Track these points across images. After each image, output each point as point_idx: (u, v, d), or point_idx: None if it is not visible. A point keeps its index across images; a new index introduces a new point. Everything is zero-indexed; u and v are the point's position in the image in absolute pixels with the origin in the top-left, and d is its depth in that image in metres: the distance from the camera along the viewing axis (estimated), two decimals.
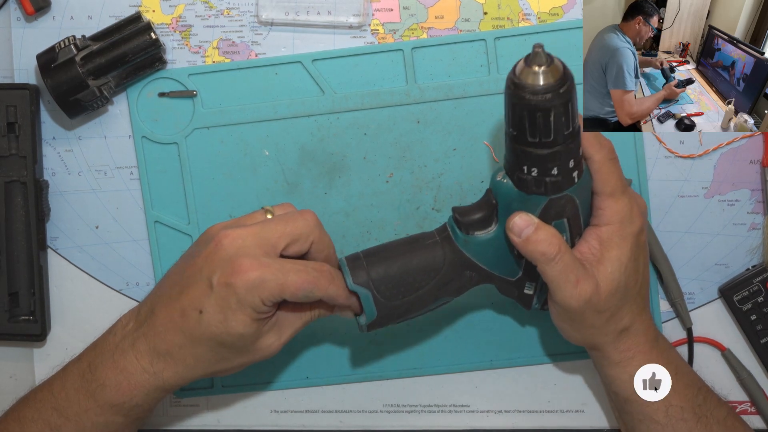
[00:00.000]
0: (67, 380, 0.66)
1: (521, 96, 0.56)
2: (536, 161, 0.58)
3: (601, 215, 0.63)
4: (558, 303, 0.63)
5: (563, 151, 0.58)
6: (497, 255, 0.64)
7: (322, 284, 0.61)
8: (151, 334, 0.63)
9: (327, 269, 0.62)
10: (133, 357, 0.64)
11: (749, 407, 0.77)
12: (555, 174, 0.59)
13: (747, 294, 0.75)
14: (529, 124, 0.57)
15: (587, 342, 0.67)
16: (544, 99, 0.56)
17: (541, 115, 0.56)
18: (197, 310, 0.61)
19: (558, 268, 0.61)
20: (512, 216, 0.61)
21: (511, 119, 0.58)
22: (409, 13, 0.74)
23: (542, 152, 0.58)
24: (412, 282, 0.63)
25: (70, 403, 0.65)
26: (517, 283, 0.66)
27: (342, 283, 0.63)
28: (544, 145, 0.58)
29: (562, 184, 0.60)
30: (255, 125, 0.75)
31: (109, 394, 0.64)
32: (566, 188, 0.60)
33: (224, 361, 0.64)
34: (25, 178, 0.75)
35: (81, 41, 0.72)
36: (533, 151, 0.58)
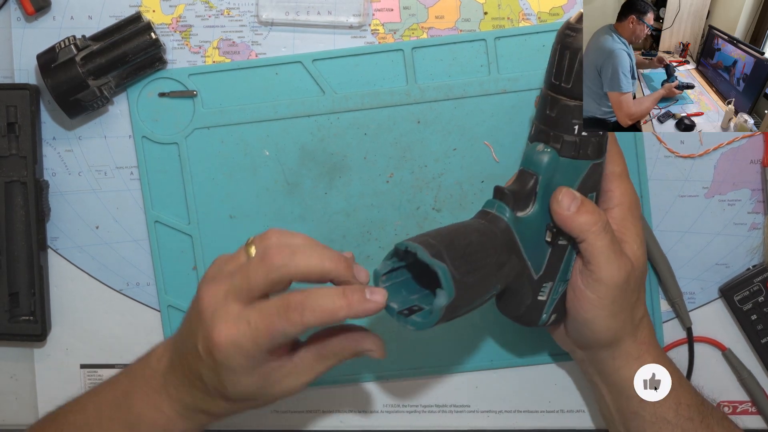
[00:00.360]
0: (102, 408, 0.64)
1: (580, 38, 0.58)
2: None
3: (612, 197, 0.64)
4: (604, 280, 0.62)
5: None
6: (534, 239, 0.62)
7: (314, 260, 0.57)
8: (179, 384, 0.62)
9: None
10: (166, 397, 0.62)
11: (750, 407, 0.77)
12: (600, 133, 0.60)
13: (747, 294, 0.75)
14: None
15: (616, 333, 0.64)
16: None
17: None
18: (198, 376, 0.60)
19: (607, 238, 0.61)
20: (558, 191, 0.61)
21: (566, 70, 0.59)
22: (410, 13, 0.74)
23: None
24: (478, 259, 0.58)
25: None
26: (536, 284, 0.64)
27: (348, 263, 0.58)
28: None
29: (602, 145, 0.61)
30: (255, 125, 0.75)
31: (145, 428, 0.63)
32: (603, 153, 0.62)
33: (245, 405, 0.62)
34: (26, 178, 0.75)
35: (81, 41, 0.72)
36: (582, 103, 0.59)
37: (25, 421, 0.79)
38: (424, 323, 0.57)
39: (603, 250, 0.61)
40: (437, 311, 0.56)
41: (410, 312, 0.58)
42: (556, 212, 0.61)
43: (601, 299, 0.63)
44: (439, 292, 0.56)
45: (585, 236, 0.61)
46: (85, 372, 0.79)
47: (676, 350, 0.77)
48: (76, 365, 0.79)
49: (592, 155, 0.62)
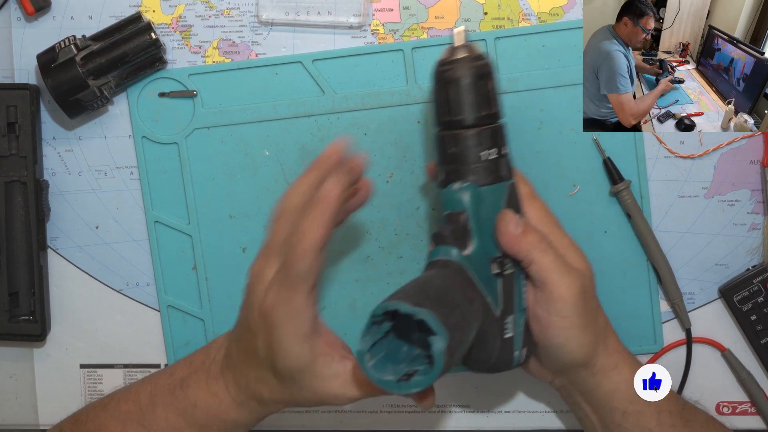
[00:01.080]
0: (156, 394, 0.65)
1: (457, 68, 0.61)
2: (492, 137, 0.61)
3: (529, 217, 0.64)
4: (563, 296, 0.61)
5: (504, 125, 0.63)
6: (484, 275, 0.61)
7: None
8: (233, 367, 0.64)
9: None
10: (222, 383, 0.64)
11: (749, 407, 0.77)
12: (507, 151, 0.62)
13: (747, 294, 0.75)
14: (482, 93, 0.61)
15: (590, 347, 0.64)
16: (486, 63, 0.62)
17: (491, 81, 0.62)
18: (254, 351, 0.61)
19: (553, 254, 0.61)
20: (502, 215, 0.61)
21: (453, 103, 0.61)
22: (410, 13, 0.74)
23: (496, 124, 0.62)
24: (451, 298, 0.57)
25: (158, 419, 0.65)
26: (499, 321, 0.62)
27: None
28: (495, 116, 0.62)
29: (510, 162, 0.63)
30: (255, 125, 0.75)
31: (200, 415, 0.64)
32: (512, 171, 0.63)
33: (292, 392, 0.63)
34: (26, 178, 0.75)
35: (81, 41, 0.72)
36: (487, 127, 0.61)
37: (25, 421, 0.79)
38: (427, 378, 0.54)
39: (553, 265, 0.61)
40: (439, 357, 0.52)
41: (408, 377, 0.55)
42: (505, 235, 0.61)
43: (566, 318, 0.62)
44: (433, 339, 0.53)
45: (533, 256, 0.61)
46: (84, 372, 0.79)
47: (676, 351, 0.77)
48: (76, 365, 0.79)
49: (506, 176, 0.62)
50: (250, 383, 0.63)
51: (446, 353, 0.53)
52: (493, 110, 0.62)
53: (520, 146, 0.74)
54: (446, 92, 0.61)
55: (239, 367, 0.64)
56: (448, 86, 0.61)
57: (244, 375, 0.63)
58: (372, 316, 0.54)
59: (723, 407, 0.77)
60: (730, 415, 0.77)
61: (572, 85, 0.74)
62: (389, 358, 0.56)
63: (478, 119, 0.61)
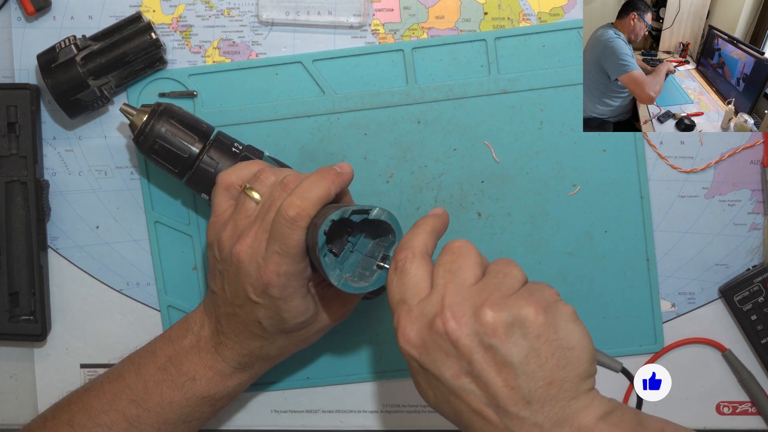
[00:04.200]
0: (142, 373, 0.68)
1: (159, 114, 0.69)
2: (221, 145, 0.70)
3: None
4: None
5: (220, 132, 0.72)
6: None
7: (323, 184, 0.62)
8: (230, 343, 0.67)
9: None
10: (220, 359, 0.67)
11: (750, 407, 0.77)
12: (246, 144, 0.72)
13: (747, 294, 0.75)
14: (184, 124, 0.69)
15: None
16: (164, 106, 0.70)
17: (180, 111, 0.70)
18: (256, 323, 0.65)
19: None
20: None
21: (182, 142, 0.69)
22: (410, 13, 0.74)
23: (213, 135, 0.70)
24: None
25: (150, 395, 0.67)
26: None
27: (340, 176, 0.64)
28: (207, 131, 0.70)
29: (255, 152, 0.73)
30: (255, 125, 0.75)
31: (200, 386, 0.67)
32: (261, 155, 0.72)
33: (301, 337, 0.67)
34: (26, 178, 0.75)
35: (81, 41, 0.72)
36: (210, 141, 0.69)
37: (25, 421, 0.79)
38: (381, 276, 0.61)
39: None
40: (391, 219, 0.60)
41: (385, 258, 0.61)
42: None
43: None
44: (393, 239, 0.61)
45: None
46: (85, 372, 0.79)
47: (676, 351, 0.77)
48: (76, 365, 0.79)
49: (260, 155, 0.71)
50: (254, 351, 0.66)
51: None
52: (204, 127, 0.70)
53: (520, 146, 0.74)
54: (161, 149, 0.68)
55: (238, 341, 0.66)
56: (161, 141, 0.68)
57: (246, 346, 0.66)
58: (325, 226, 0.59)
59: (723, 407, 0.77)
60: (731, 415, 0.77)
61: (572, 85, 0.74)
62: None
63: (202, 142, 0.69)
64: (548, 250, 0.75)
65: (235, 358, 0.67)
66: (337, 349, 0.77)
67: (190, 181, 0.70)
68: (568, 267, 0.76)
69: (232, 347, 0.67)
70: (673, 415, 0.77)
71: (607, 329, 0.76)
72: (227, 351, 0.67)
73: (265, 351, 0.67)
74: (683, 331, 0.77)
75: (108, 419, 0.66)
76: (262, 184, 0.64)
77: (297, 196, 0.61)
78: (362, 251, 0.63)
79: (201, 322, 0.68)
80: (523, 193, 0.75)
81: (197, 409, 0.68)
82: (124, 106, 0.70)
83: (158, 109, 0.69)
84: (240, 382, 0.69)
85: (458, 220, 0.75)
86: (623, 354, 0.76)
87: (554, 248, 0.75)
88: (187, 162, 0.69)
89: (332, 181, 0.62)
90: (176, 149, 0.68)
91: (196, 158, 0.69)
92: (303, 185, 0.61)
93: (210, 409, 0.69)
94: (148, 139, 0.69)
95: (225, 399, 0.69)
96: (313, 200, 0.61)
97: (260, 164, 0.67)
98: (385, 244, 0.62)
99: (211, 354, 0.67)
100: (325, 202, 0.62)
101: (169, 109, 0.69)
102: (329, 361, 0.78)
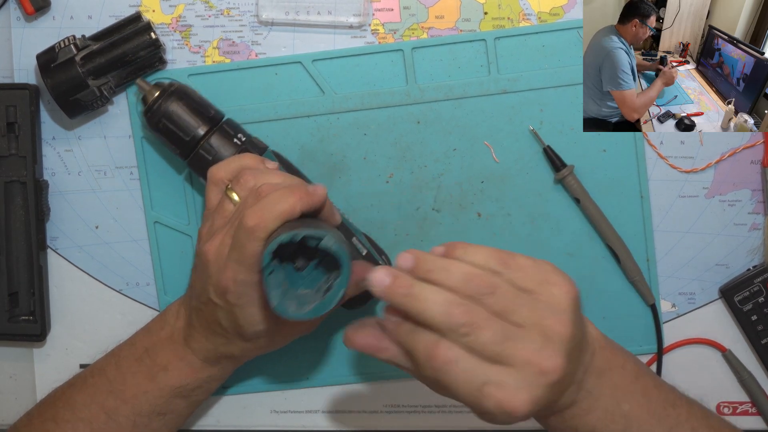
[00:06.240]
0: (121, 365, 0.68)
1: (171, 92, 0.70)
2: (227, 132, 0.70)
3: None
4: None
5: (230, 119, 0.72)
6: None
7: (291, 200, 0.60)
8: (198, 336, 0.67)
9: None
10: (189, 350, 0.67)
11: (750, 408, 0.77)
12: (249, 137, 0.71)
13: (748, 294, 0.75)
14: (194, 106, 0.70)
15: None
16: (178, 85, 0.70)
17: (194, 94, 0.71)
18: (217, 322, 0.65)
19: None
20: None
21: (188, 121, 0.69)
22: (410, 13, 0.74)
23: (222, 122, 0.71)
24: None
25: (127, 386, 0.67)
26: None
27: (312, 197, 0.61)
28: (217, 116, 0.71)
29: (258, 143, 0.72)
30: (255, 125, 0.75)
31: (172, 377, 0.67)
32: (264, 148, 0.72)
33: (262, 345, 0.67)
34: (25, 178, 0.75)
35: (81, 41, 0.72)
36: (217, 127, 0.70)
37: None
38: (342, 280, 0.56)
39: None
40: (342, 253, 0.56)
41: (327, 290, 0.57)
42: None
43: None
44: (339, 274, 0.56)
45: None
46: None
47: (676, 351, 0.77)
48: (76, 365, 0.79)
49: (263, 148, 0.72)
50: (218, 347, 0.66)
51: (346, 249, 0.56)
52: (212, 113, 0.70)
53: (520, 146, 0.74)
54: (164, 128, 0.69)
55: (204, 336, 0.66)
56: (165, 120, 0.69)
57: (212, 342, 0.66)
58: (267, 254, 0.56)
59: (723, 407, 0.77)
60: (731, 415, 0.77)
61: (572, 84, 0.74)
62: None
63: (206, 127, 0.69)
64: (548, 250, 0.75)
65: (202, 351, 0.67)
66: (337, 349, 0.77)
67: (191, 164, 0.70)
68: (568, 267, 0.75)
69: (199, 340, 0.67)
70: None
71: (607, 329, 0.75)
72: (195, 343, 0.67)
73: (227, 349, 0.67)
74: (683, 332, 0.77)
75: (89, 413, 0.67)
76: (242, 187, 0.63)
77: (260, 207, 0.59)
78: (314, 278, 0.59)
79: (176, 314, 0.69)
80: (523, 193, 0.75)
81: (170, 400, 0.68)
82: (139, 80, 0.71)
83: (170, 88, 0.70)
84: (210, 375, 0.69)
85: (458, 220, 0.75)
86: None
87: (554, 248, 0.75)
88: (188, 145, 0.69)
89: (299, 198, 0.60)
90: (179, 130, 0.69)
91: (197, 143, 0.69)
92: (269, 197, 0.60)
93: (183, 402, 0.69)
94: (155, 116, 0.69)
95: (197, 392, 0.69)
96: (275, 214, 0.59)
97: (251, 161, 0.66)
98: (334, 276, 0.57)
99: (182, 345, 0.68)
100: (288, 218, 0.59)
101: (181, 89, 0.70)
102: (329, 362, 0.78)
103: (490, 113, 0.74)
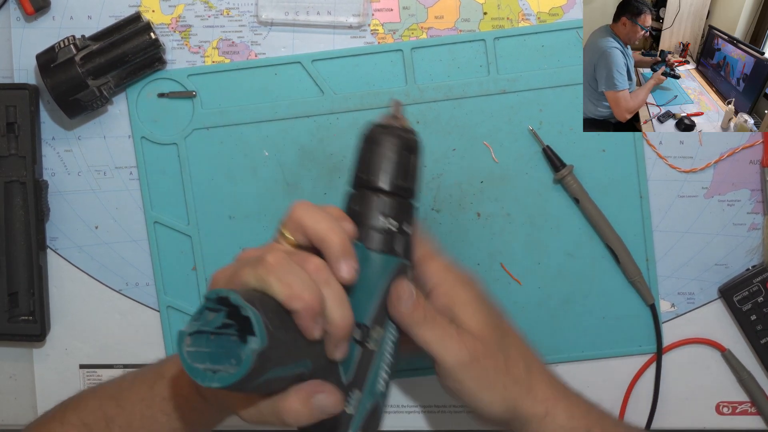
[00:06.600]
0: (138, 372, 0.65)
1: (388, 134, 0.58)
2: (398, 209, 0.58)
3: (429, 277, 0.61)
4: (450, 366, 0.58)
5: (414, 208, 0.59)
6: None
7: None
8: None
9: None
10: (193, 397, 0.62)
11: (749, 407, 0.77)
12: (409, 232, 0.58)
13: (747, 294, 0.75)
14: (402, 163, 0.58)
15: (506, 401, 0.59)
16: (415, 139, 0.59)
17: (414, 157, 0.58)
18: None
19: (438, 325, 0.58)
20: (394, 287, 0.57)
21: (369, 163, 0.58)
22: (409, 13, 0.74)
23: (406, 201, 0.58)
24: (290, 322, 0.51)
25: (130, 392, 0.63)
26: (344, 389, 0.56)
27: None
28: (409, 192, 0.58)
29: (409, 245, 0.59)
30: (255, 126, 0.75)
31: (163, 385, 0.62)
32: (410, 255, 0.59)
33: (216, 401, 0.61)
34: (25, 178, 0.75)
35: (81, 41, 0.72)
36: (395, 197, 0.58)
37: (25, 421, 0.79)
38: (229, 376, 0.48)
39: (435, 339, 0.58)
40: (247, 357, 0.47)
41: (215, 372, 0.49)
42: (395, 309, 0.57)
43: (462, 383, 0.59)
44: (251, 338, 0.48)
45: (415, 331, 0.57)
46: (84, 372, 0.79)
47: (676, 351, 0.77)
48: (76, 365, 0.79)
49: (400, 253, 0.58)
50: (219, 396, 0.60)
51: (257, 359, 0.48)
52: (408, 185, 0.59)
53: (519, 146, 0.74)
54: (369, 151, 0.59)
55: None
56: (373, 146, 0.58)
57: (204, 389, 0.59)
58: (205, 299, 0.49)
59: (723, 407, 0.77)
60: (730, 415, 0.77)
61: (572, 85, 0.74)
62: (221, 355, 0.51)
63: (391, 187, 0.58)
64: (548, 250, 0.75)
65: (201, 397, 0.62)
66: None
67: (348, 194, 0.60)
68: (568, 267, 0.75)
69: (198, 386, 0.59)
70: (672, 415, 0.77)
71: (607, 329, 0.76)
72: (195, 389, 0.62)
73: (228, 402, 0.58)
74: (683, 331, 0.77)
75: (92, 418, 0.64)
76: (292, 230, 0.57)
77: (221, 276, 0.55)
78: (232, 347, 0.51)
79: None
80: (522, 193, 0.75)
81: (155, 414, 0.63)
82: (397, 100, 0.61)
83: (417, 138, 0.60)
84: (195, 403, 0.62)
85: (457, 220, 0.75)
86: (623, 354, 0.76)
87: (553, 248, 0.75)
88: (366, 184, 0.58)
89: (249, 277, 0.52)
90: (392, 171, 0.58)
91: (373, 188, 0.59)
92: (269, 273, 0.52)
93: (166, 419, 0.63)
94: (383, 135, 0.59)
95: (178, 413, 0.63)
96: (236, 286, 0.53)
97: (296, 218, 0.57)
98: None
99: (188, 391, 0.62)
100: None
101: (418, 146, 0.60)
102: None
103: (490, 113, 0.74)
